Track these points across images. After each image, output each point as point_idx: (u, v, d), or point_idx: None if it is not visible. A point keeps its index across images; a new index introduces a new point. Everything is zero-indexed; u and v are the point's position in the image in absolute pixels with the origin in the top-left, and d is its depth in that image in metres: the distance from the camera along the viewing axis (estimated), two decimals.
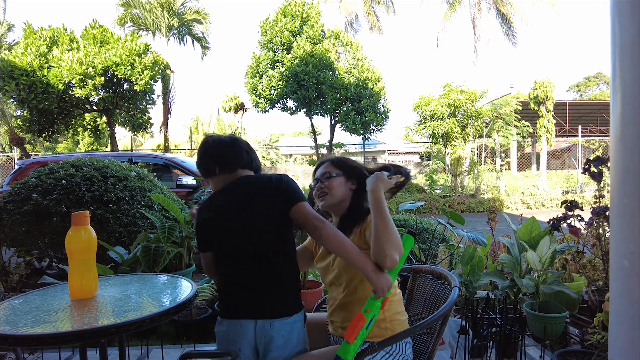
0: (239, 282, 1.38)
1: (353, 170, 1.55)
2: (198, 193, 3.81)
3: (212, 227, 1.42)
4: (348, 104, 10.97)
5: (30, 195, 3.27)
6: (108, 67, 9.86)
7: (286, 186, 1.38)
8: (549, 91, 12.94)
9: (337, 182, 1.51)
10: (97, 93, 10.10)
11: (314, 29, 11.30)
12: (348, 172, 1.54)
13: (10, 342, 1.23)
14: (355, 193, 1.52)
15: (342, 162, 1.58)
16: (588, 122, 19.78)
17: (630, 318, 0.88)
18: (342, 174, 1.53)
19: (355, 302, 1.40)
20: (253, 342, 1.32)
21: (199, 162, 1.51)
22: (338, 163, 1.57)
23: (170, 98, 15.49)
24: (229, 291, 1.41)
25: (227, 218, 1.38)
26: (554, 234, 2.57)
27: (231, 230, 1.37)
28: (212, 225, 1.42)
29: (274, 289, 1.35)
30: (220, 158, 1.46)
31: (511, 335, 2.12)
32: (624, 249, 0.89)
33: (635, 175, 0.86)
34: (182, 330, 2.81)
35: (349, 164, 1.57)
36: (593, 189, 2.46)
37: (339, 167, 1.54)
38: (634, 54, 0.86)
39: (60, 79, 9.53)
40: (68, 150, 21.04)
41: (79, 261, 1.54)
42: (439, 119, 12.05)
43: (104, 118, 11.83)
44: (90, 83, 9.68)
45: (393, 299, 1.42)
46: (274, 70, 11.19)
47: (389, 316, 1.39)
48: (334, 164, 1.56)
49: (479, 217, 9.64)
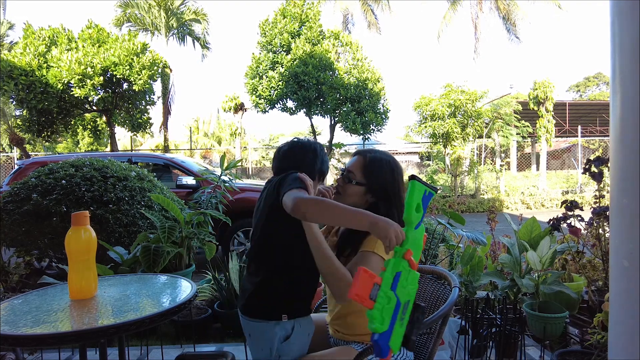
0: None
1: (379, 186, 1.36)
2: (198, 193, 3.80)
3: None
4: (348, 104, 10.97)
5: (30, 196, 3.27)
6: (107, 67, 9.85)
7: (281, 180, 1.29)
8: (548, 91, 12.95)
9: (353, 191, 1.37)
10: (97, 93, 10.09)
11: (312, 29, 11.30)
12: (372, 185, 1.36)
13: (10, 342, 1.23)
14: (370, 207, 1.36)
15: (373, 172, 1.37)
16: (588, 122, 19.79)
17: (630, 318, 0.88)
18: (365, 184, 1.36)
19: (353, 313, 1.37)
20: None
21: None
22: (369, 169, 1.37)
23: (170, 98, 15.48)
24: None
25: (254, 217, 1.44)
26: (554, 234, 2.57)
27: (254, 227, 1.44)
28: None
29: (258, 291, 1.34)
30: (278, 160, 1.47)
31: (511, 335, 2.12)
32: (623, 249, 0.89)
33: (634, 176, 0.86)
34: (182, 331, 2.81)
35: (379, 180, 1.36)
36: (593, 189, 2.47)
37: (366, 176, 1.37)
38: (634, 54, 0.86)
39: (59, 79, 9.53)
40: (68, 150, 21.02)
41: (79, 261, 1.54)
42: (439, 118, 12.05)
43: (103, 118, 11.82)
44: (89, 83, 9.67)
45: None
46: (273, 71, 11.19)
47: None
48: (364, 168, 1.38)
49: (478, 217, 9.64)
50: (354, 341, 1.38)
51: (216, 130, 26.90)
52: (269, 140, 30.64)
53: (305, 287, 1.36)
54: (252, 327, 1.33)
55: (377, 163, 1.38)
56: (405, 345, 0.96)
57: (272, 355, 1.30)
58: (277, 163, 1.45)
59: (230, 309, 2.88)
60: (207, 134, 26.93)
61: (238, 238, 4.98)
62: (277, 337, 1.29)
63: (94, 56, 9.71)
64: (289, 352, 1.31)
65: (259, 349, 1.32)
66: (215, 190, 3.74)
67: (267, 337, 1.30)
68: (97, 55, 9.74)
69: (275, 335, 1.29)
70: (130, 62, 10.06)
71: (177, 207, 3.10)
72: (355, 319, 1.37)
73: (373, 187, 1.36)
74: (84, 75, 9.57)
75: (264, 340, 1.30)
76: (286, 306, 1.31)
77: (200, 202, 3.61)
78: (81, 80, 9.61)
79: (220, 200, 3.67)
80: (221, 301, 2.95)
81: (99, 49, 9.94)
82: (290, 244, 1.32)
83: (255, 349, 1.34)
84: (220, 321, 2.94)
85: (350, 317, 1.39)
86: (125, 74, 10.00)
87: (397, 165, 1.40)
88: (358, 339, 1.38)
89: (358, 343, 1.37)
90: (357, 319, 1.36)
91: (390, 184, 1.37)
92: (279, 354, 1.30)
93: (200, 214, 3.23)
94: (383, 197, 1.36)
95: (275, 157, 1.47)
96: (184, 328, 2.79)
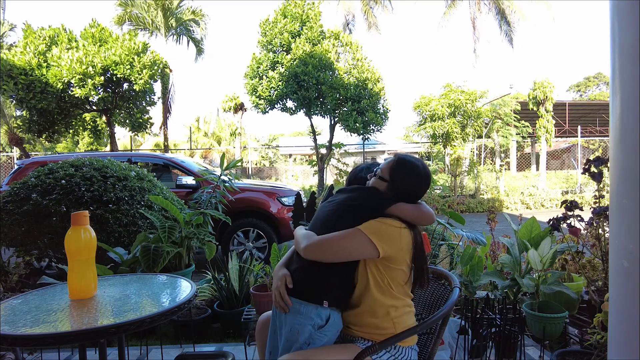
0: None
1: (401, 188, 1.44)
2: (198, 193, 3.81)
3: None
4: (348, 104, 10.96)
5: (30, 195, 3.27)
6: (107, 67, 9.84)
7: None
8: (548, 91, 12.96)
9: (375, 184, 1.49)
10: (97, 92, 10.08)
11: (313, 29, 11.29)
12: (394, 183, 1.45)
13: (10, 342, 1.23)
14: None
15: (398, 173, 1.46)
16: (587, 123, 19.81)
17: (629, 318, 0.88)
18: (389, 181, 1.45)
19: (364, 310, 1.39)
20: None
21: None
22: (394, 170, 1.47)
23: (170, 98, 15.48)
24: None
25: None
26: (553, 234, 2.57)
27: None
28: None
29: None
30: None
31: (510, 335, 2.12)
32: (623, 249, 0.89)
33: (634, 176, 0.86)
34: (182, 331, 2.81)
35: (400, 181, 1.45)
36: (592, 189, 2.47)
37: (391, 174, 1.46)
38: (634, 54, 0.86)
39: (59, 78, 9.51)
40: (68, 150, 21.02)
41: (79, 261, 1.54)
42: (439, 119, 12.06)
43: (103, 118, 11.82)
44: (90, 82, 9.66)
45: (404, 310, 1.40)
46: (273, 71, 11.19)
47: (400, 330, 1.37)
48: (391, 168, 1.47)
49: (478, 218, 9.65)
50: (361, 337, 1.39)
51: (216, 130, 26.91)
52: (268, 140, 30.65)
53: (349, 281, 1.41)
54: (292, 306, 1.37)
55: (402, 167, 1.48)
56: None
57: (301, 338, 1.34)
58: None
59: (230, 309, 2.88)
60: (207, 134, 26.94)
61: (238, 238, 4.99)
62: (312, 322, 1.34)
63: (94, 55, 9.69)
64: (319, 342, 1.35)
65: (292, 330, 1.35)
66: (215, 190, 3.74)
67: (302, 319, 1.34)
68: (97, 55, 9.73)
69: (310, 320, 1.34)
70: (131, 62, 10.05)
71: (176, 207, 3.10)
72: (368, 316, 1.38)
73: (395, 184, 1.45)
74: (85, 75, 9.56)
75: (297, 321, 1.35)
76: (328, 294, 1.37)
77: (200, 202, 3.62)
78: (82, 79, 9.60)
79: (220, 200, 3.67)
80: (221, 301, 2.95)
81: (100, 49, 9.93)
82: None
83: (288, 329, 1.36)
84: (220, 321, 2.94)
85: (363, 312, 1.40)
86: (125, 73, 9.99)
87: (426, 174, 1.48)
88: (366, 335, 1.39)
89: (364, 340, 1.38)
90: (370, 315, 1.37)
91: (410, 187, 1.45)
92: (309, 341, 1.34)
93: (200, 214, 3.23)
94: (403, 197, 1.43)
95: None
96: (184, 328, 2.79)
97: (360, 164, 1.72)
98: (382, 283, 1.36)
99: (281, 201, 5.10)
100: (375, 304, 1.36)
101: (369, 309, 1.38)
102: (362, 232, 1.33)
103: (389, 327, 1.36)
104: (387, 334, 1.35)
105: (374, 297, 1.37)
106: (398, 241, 1.35)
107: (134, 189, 3.56)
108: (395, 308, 1.37)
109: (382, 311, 1.36)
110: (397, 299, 1.37)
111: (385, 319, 1.36)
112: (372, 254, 1.33)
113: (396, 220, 1.37)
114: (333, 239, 1.33)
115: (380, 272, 1.36)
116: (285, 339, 1.36)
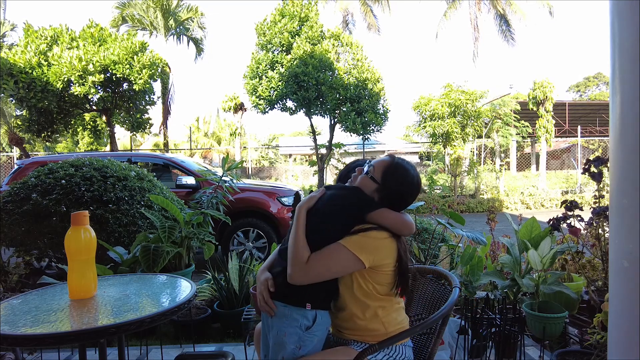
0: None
1: (390, 192, 1.40)
2: (199, 193, 3.80)
3: None
4: (348, 104, 10.96)
5: (30, 195, 3.27)
6: (106, 66, 9.84)
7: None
8: (548, 91, 12.97)
9: (366, 183, 1.41)
10: (97, 91, 10.08)
11: (313, 29, 11.29)
12: (385, 186, 1.39)
13: (9, 342, 1.23)
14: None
15: (392, 177, 1.40)
16: (587, 123, 19.82)
17: (629, 318, 0.88)
18: (380, 183, 1.39)
19: (355, 312, 1.38)
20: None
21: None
22: (388, 173, 1.41)
23: (170, 97, 15.49)
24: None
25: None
26: (553, 234, 2.57)
27: None
28: None
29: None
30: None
31: (510, 335, 2.12)
32: (623, 249, 0.89)
33: (635, 176, 0.86)
34: (182, 330, 2.81)
35: (392, 186, 1.40)
36: (592, 189, 2.47)
37: (384, 177, 1.40)
38: (634, 54, 0.86)
39: (59, 76, 9.50)
40: (67, 150, 21.02)
41: (78, 261, 1.54)
42: (439, 118, 12.06)
43: (103, 118, 11.82)
44: (90, 80, 9.64)
45: (392, 308, 1.40)
46: (273, 71, 11.19)
47: (390, 328, 1.37)
48: (384, 171, 1.41)
49: (478, 217, 9.65)
50: (354, 340, 1.39)
51: (216, 130, 26.91)
52: (268, 140, 30.64)
53: (332, 284, 1.39)
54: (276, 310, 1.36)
55: (396, 171, 1.42)
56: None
57: (289, 341, 1.32)
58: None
59: (230, 308, 2.88)
60: (207, 134, 26.94)
61: (238, 238, 4.99)
62: (298, 324, 1.33)
63: (94, 54, 9.70)
64: (310, 342, 1.33)
65: (278, 333, 1.34)
66: (217, 190, 3.74)
67: (288, 322, 1.33)
68: (97, 54, 9.73)
69: (296, 322, 1.33)
70: (129, 61, 10.05)
71: (176, 207, 3.10)
72: (356, 318, 1.37)
73: (384, 185, 1.40)
74: (84, 72, 9.54)
75: (283, 325, 1.34)
76: (311, 295, 1.35)
77: (201, 202, 3.62)
78: (81, 77, 9.58)
79: (221, 201, 3.67)
80: (221, 301, 2.95)
81: (99, 48, 9.93)
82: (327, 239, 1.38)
83: (275, 332, 1.35)
84: (219, 321, 2.94)
85: (351, 315, 1.39)
86: (125, 73, 9.99)
87: (418, 184, 1.45)
88: (358, 338, 1.38)
89: (358, 342, 1.38)
90: (359, 318, 1.37)
91: (400, 194, 1.42)
92: (300, 344, 1.32)
93: (200, 214, 3.23)
94: (388, 202, 1.40)
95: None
96: (184, 328, 2.80)
97: (358, 159, 1.66)
98: (367, 287, 1.35)
99: (281, 201, 5.10)
100: (362, 306, 1.36)
101: (356, 311, 1.37)
102: (346, 248, 1.30)
103: (378, 328, 1.36)
104: (378, 335, 1.35)
105: (359, 300, 1.36)
106: (382, 251, 1.34)
107: (134, 189, 3.56)
108: (382, 308, 1.37)
109: (369, 312, 1.36)
110: (383, 300, 1.37)
111: (373, 320, 1.36)
112: (359, 267, 1.32)
113: (380, 232, 1.35)
114: (317, 262, 1.30)
115: (364, 278, 1.36)
116: (273, 342, 1.35)
